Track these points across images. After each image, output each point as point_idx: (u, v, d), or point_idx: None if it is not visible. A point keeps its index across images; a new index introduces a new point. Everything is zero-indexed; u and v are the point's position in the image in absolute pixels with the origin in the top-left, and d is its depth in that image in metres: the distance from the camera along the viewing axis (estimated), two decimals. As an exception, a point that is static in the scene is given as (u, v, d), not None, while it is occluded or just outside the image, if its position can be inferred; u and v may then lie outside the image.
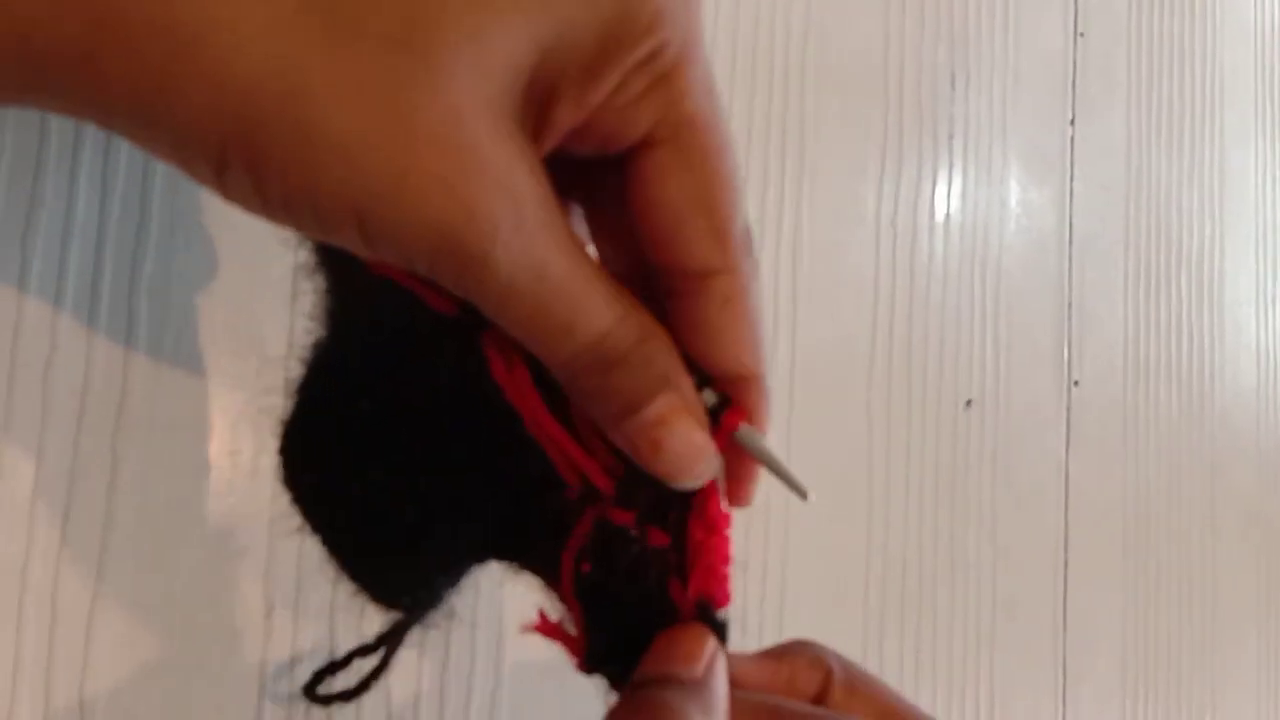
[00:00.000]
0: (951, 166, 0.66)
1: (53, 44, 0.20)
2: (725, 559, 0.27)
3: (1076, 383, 0.73)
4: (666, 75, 0.25)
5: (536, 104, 0.23)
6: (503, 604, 0.44)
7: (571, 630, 0.29)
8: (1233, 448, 0.86)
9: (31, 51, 0.20)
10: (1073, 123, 0.75)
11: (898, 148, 0.64)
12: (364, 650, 0.34)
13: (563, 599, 0.28)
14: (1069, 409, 0.73)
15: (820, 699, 0.28)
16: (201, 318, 0.39)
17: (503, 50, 0.22)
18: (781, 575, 0.56)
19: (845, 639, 0.59)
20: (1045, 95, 0.74)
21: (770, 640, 0.44)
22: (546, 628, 0.29)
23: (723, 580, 0.27)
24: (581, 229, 0.29)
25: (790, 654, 0.30)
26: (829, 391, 0.59)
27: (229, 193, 0.22)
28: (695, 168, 0.26)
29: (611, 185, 0.27)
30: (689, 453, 0.25)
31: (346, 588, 0.32)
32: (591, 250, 0.29)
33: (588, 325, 0.24)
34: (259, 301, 0.40)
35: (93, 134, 0.37)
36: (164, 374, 0.38)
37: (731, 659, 0.28)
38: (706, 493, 0.27)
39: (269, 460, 0.40)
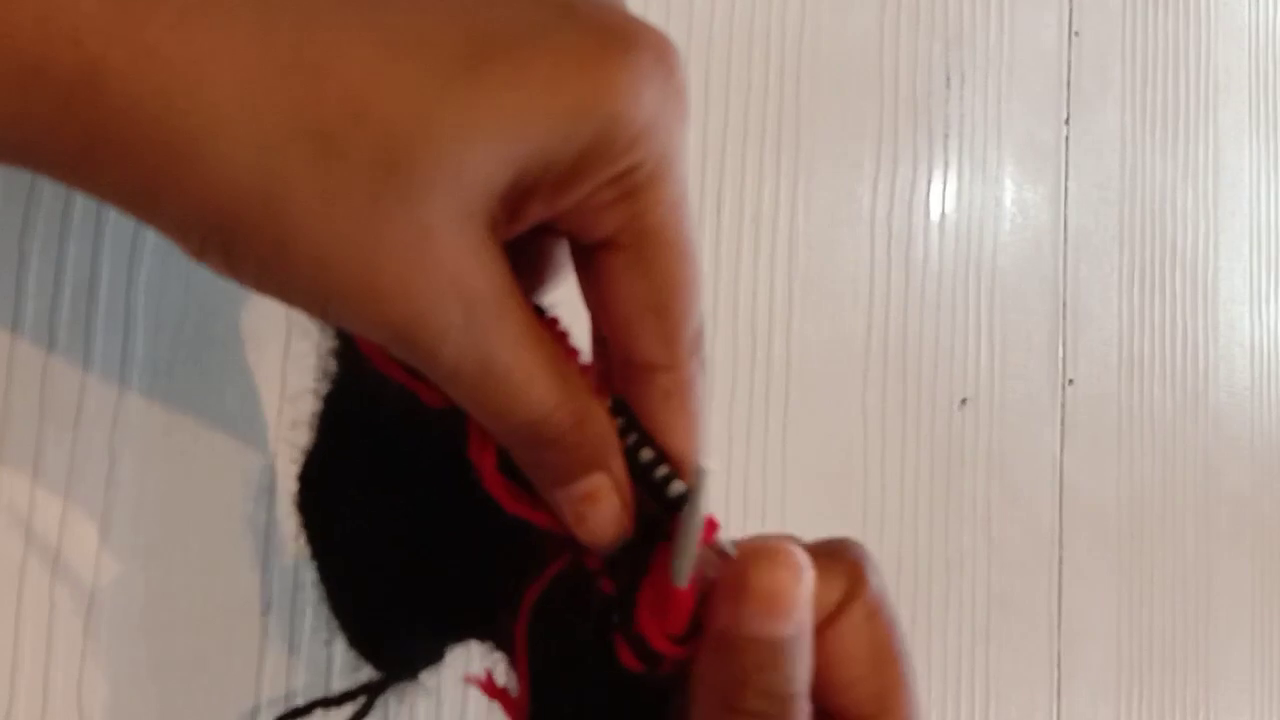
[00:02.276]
0: (946, 165, 0.67)
1: (50, 153, 0.22)
2: (674, 623, 0.27)
3: (1071, 381, 0.73)
4: (638, 190, 0.26)
5: (508, 206, 0.25)
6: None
7: (513, 693, 0.29)
8: (1226, 445, 0.86)
9: (35, 144, 0.21)
10: (1067, 121, 0.75)
11: (893, 146, 0.64)
12: (328, 702, 0.35)
13: (514, 648, 0.29)
14: (1063, 407, 0.73)
15: (836, 614, 0.28)
16: (197, 318, 0.39)
17: (480, 172, 0.23)
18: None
19: (840, 636, 0.59)
20: (1040, 94, 0.74)
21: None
22: (490, 688, 0.29)
23: (675, 621, 0.27)
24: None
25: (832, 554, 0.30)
26: (824, 389, 0.59)
27: (205, 265, 0.24)
28: (653, 276, 0.27)
29: (581, 265, 0.28)
30: (605, 529, 0.27)
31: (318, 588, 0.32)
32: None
33: (524, 411, 0.26)
34: (256, 301, 0.40)
35: (90, 133, 0.37)
36: (160, 374, 0.38)
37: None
38: (660, 558, 0.27)
39: (265, 459, 0.40)
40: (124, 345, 0.38)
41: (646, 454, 0.27)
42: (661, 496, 0.27)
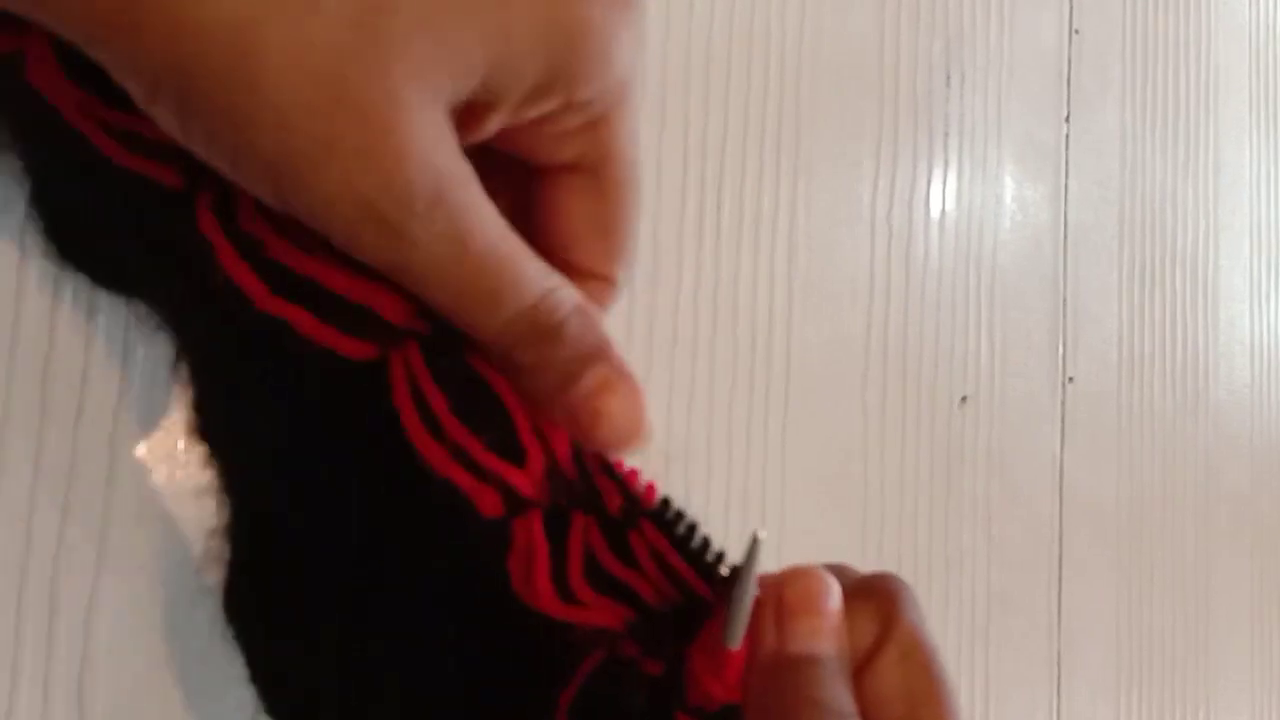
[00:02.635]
0: (946, 163, 0.67)
1: None
2: (723, 690, 0.26)
3: (1071, 379, 0.74)
4: (604, 117, 0.26)
5: (472, 110, 0.24)
6: None
7: None
8: (1227, 443, 0.86)
9: None
10: (1068, 119, 0.75)
11: (893, 144, 0.64)
12: None
13: None
14: (1064, 405, 0.73)
15: (871, 655, 0.27)
16: (199, 315, 0.39)
17: (454, 52, 0.23)
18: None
19: (840, 634, 0.59)
20: (1040, 92, 0.74)
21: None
22: None
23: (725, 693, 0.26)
24: None
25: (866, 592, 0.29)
26: (824, 388, 0.59)
27: (153, 116, 0.23)
28: (606, 199, 0.28)
29: (518, 182, 0.28)
30: (632, 418, 0.26)
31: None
32: None
33: (517, 295, 0.24)
34: (256, 299, 0.40)
35: (90, 132, 0.37)
36: (162, 370, 0.38)
37: None
38: (709, 624, 0.26)
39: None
40: (124, 344, 0.38)
41: (689, 532, 0.26)
42: (704, 570, 0.26)
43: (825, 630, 0.26)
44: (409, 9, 0.22)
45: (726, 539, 0.28)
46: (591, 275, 0.28)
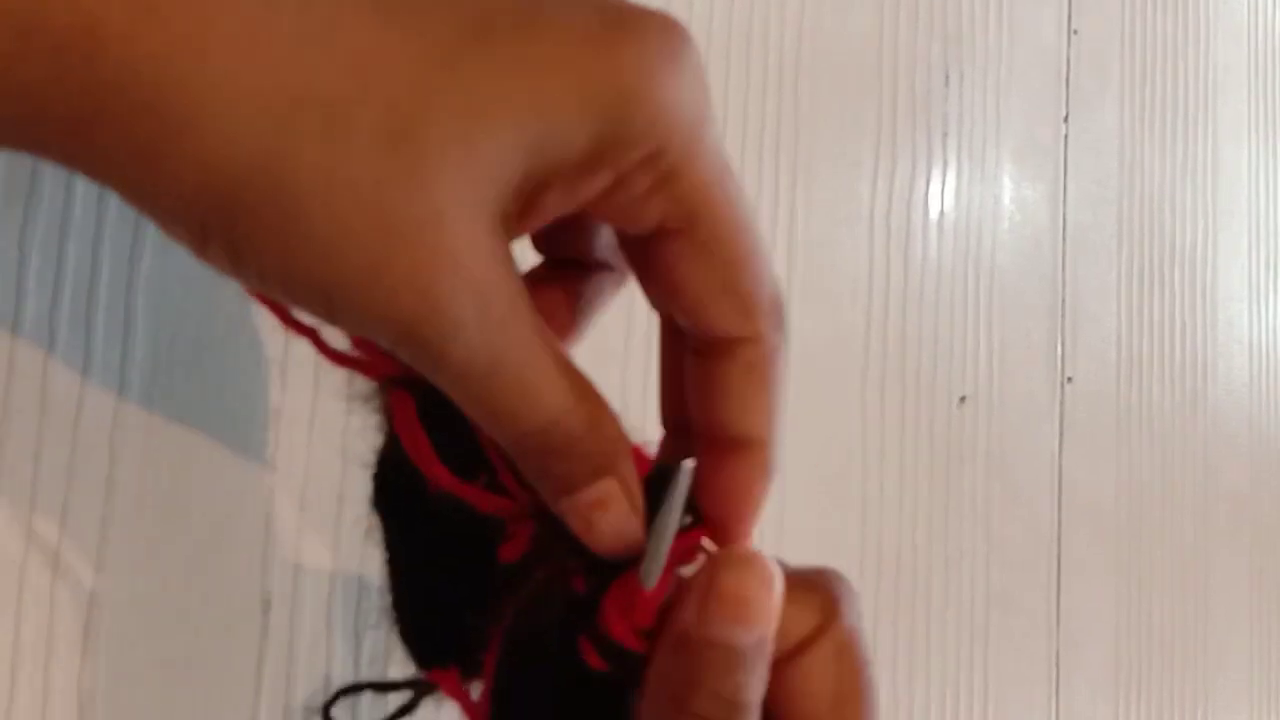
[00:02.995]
0: (945, 163, 0.67)
1: (49, 113, 0.20)
2: (640, 618, 0.27)
3: (1070, 379, 0.74)
4: (673, 172, 0.25)
5: (523, 197, 0.24)
6: None
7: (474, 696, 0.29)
8: (1225, 443, 0.86)
9: (27, 116, 0.20)
10: (1066, 119, 0.75)
11: (891, 144, 0.64)
12: (382, 687, 0.34)
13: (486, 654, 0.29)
14: (1062, 404, 0.73)
15: (803, 647, 0.27)
16: (198, 315, 0.39)
17: (491, 153, 0.22)
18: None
19: (839, 634, 0.59)
20: (1039, 92, 0.74)
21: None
22: (451, 686, 0.29)
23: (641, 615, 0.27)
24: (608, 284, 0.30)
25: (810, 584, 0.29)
26: (823, 387, 0.59)
27: (207, 261, 0.23)
28: (713, 254, 0.26)
29: (639, 246, 0.27)
30: (615, 535, 0.26)
31: (344, 585, 0.32)
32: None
33: (532, 415, 0.25)
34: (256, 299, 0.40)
35: (90, 132, 0.37)
36: (161, 371, 0.38)
37: None
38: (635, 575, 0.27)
39: (265, 459, 0.40)
40: (124, 345, 0.38)
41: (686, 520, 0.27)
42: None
43: (752, 623, 0.25)
44: (440, 120, 0.22)
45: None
46: (735, 341, 0.27)
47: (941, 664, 0.64)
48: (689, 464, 0.26)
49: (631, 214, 0.25)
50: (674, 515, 0.26)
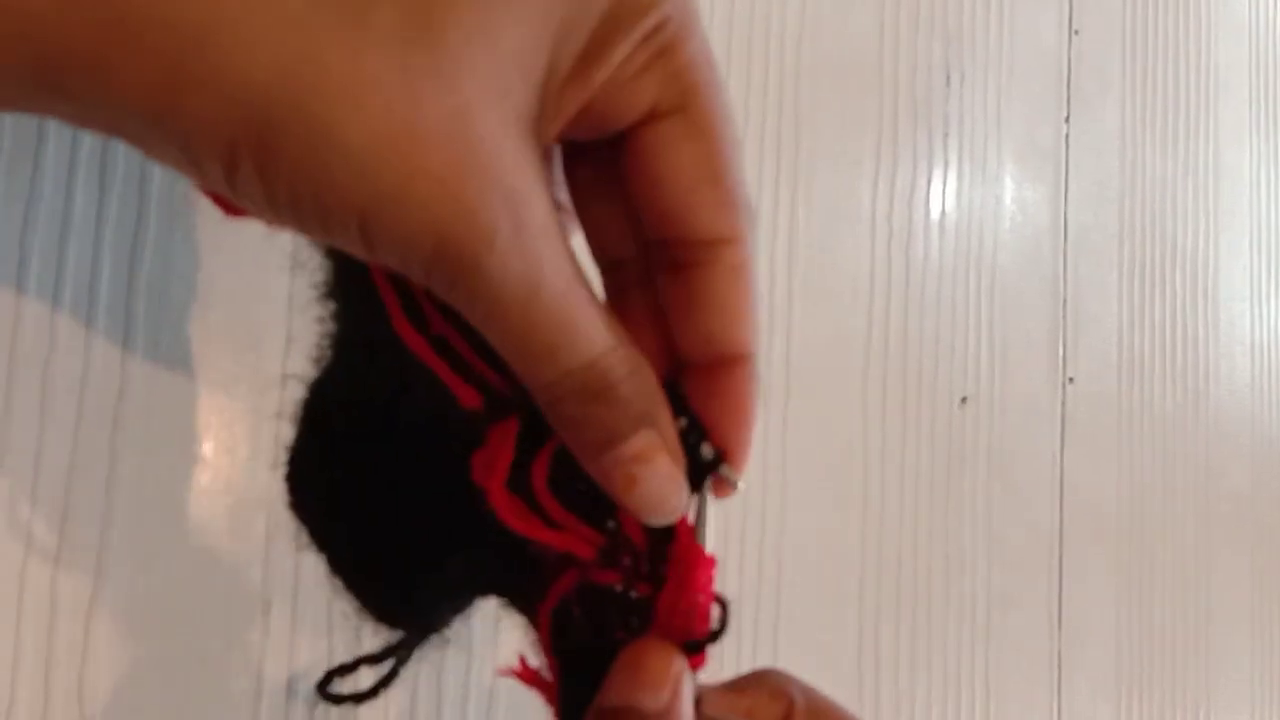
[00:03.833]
0: (946, 163, 0.67)
1: (61, 43, 0.20)
2: (702, 596, 0.27)
3: (1071, 379, 0.74)
4: (669, 47, 0.24)
5: (549, 94, 0.23)
6: (499, 634, 0.44)
7: (548, 678, 0.29)
8: (1226, 443, 0.86)
9: (40, 51, 0.20)
10: (1067, 120, 0.75)
11: (893, 144, 0.64)
12: (371, 659, 0.35)
13: (541, 651, 0.29)
14: (1064, 405, 0.73)
15: None
16: (199, 316, 0.39)
17: (513, 41, 0.22)
18: (777, 571, 0.56)
19: (840, 634, 0.59)
20: (1040, 92, 0.74)
21: (765, 639, 0.45)
22: (526, 674, 0.29)
23: (702, 615, 0.27)
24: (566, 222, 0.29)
25: (753, 685, 0.29)
26: (824, 388, 0.59)
27: (237, 192, 0.22)
28: (703, 136, 0.25)
29: (601, 166, 0.27)
30: (664, 492, 0.25)
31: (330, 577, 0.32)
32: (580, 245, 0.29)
33: (574, 350, 0.24)
34: (256, 299, 0.40)
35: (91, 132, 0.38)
36: (162, 372, 0.38)
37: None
38: (680, 536, 0.27)
39: (266, 457, 0.40)
40: (124, 345, 0.38)
41: (693, 435, 0.26)
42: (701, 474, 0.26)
43: (650, 688, 0.26)
44: (460, 11, 0.21)
45: (726, 538, 0.28)
46: (719, 241, 0.26)
47: (943, 664, 0.64)
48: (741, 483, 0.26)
49: (627, 96, 0.25)
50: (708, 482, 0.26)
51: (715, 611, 0.27)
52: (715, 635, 0.27)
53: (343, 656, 0.40)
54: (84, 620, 0.37)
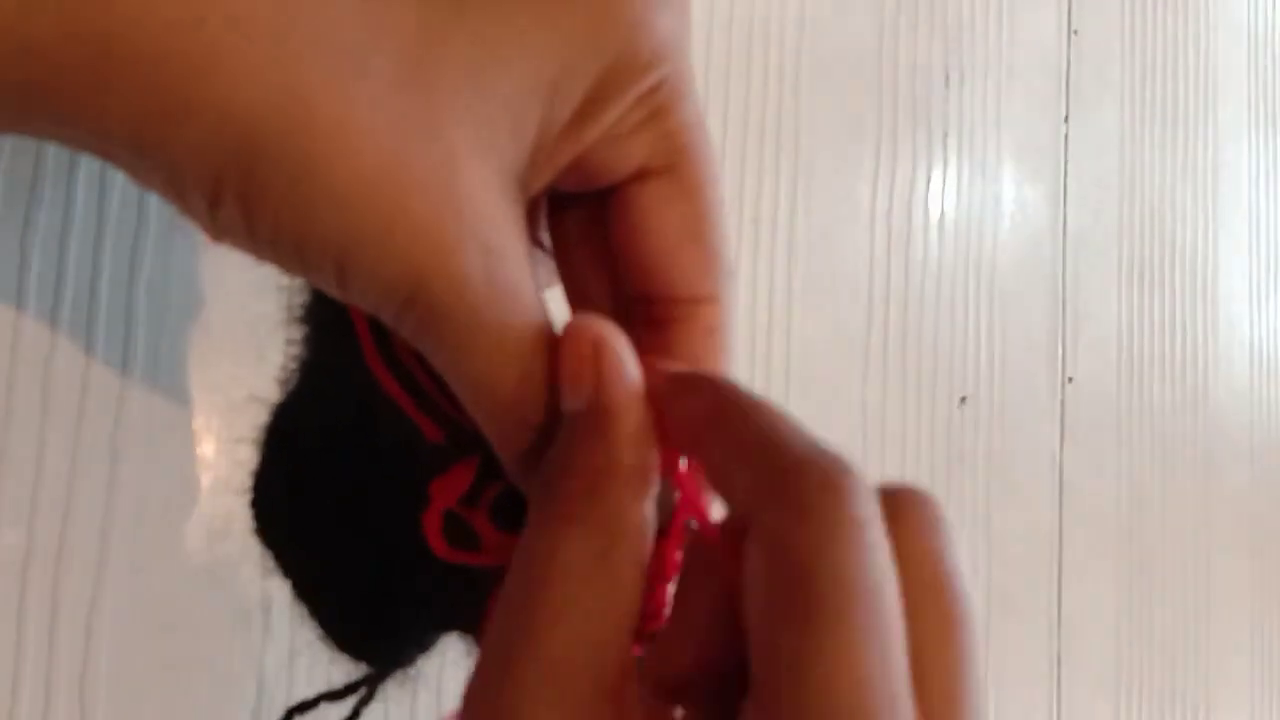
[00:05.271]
0: (946, 163, 0.67)
1: (52, 70, 0.20)
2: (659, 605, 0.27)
3: (1070, 379, 0.74)
4: (663, 108, 0.25)
5: (535, 149, 0.23)
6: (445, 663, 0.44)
7: None
8: (1226, 443, 0.86)
9: (30, 77, 0.20)
10: (1066, 120, 0.75)
11: (892, 144, 0.64)
12: (332, 696, 0.34)
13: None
14: (1063, 405, 0.73)
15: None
16: (200, 317, 0.39)
17: (505, 95, 0.22)
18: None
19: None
20: (1039, 92, 0.74)
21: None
22: None
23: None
24: (545, 268, 0.30)
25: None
26: (823, 388, 0.59)
27: (219, 226, 0.22)
28: (689, 197, 0.26)
29: (586, 218, 0.27)
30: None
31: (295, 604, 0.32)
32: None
33: (537, 409, 0.24)
34: (257, 300, 0.40)
35: (91, 133, 0.37)
36: (163, 373, 0.38)
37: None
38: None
39: (267, 458, 0.40)
40: (125, 345, 0.38)
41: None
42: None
43: (573, 385, 0.24)
44: (451, 63, 0.21)
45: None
46: (697, 301, 0.26)
47: (942, 664, 0.63)
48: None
49: (616, 155, 0.25)
50: None
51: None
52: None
53: (343, 659, 0.40)
54: (85, 622, 0.37)
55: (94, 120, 0.20)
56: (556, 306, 0.27)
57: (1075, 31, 0.77)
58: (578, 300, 0.28)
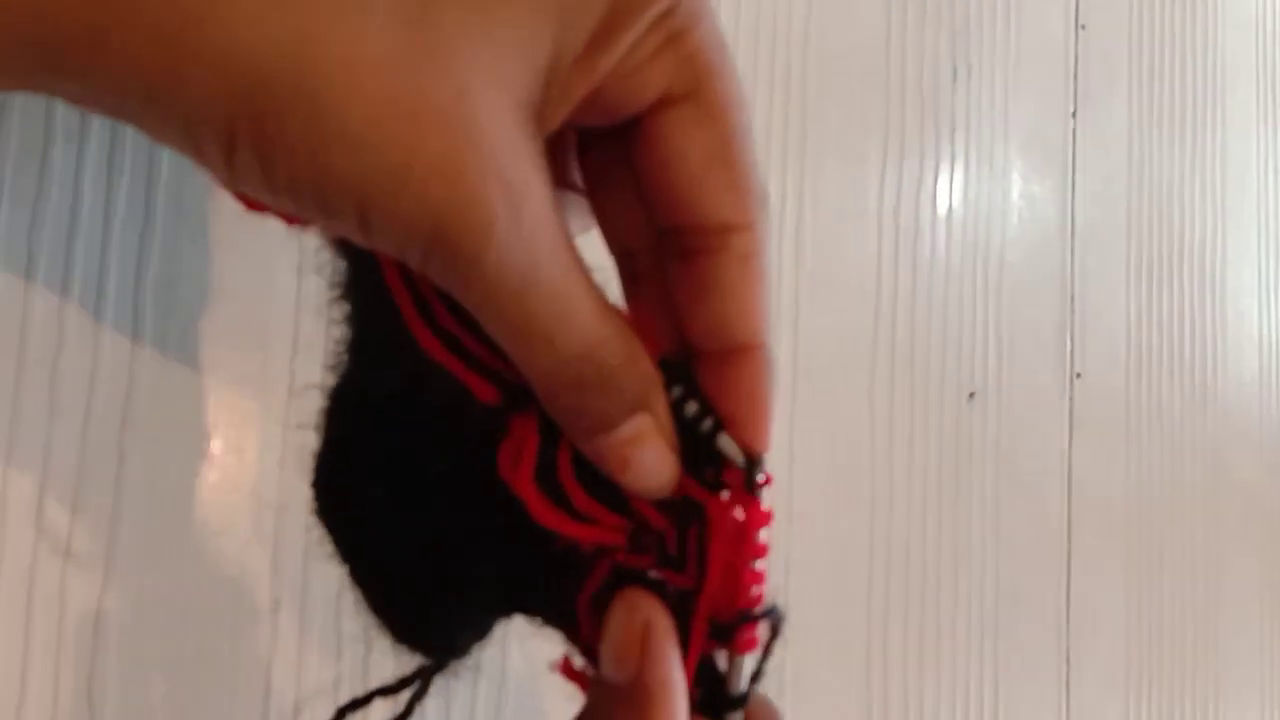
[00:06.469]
0: (953, 159, 0.66)
1: (60, 21, 0.19)
2: (751, 584, 0.27)
3: (1079, 374, 0.73)
4: (680, 32, 0.24)
5: (549, 80, 0.23)
6: (507, 657, 0.44)
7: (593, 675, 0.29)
8: (1235, 438, 0.86)
9: (38, 29, 0.19)
10: (1074, 115, 0.75)
11: (899, 140, 0.64)
12: (386, 691, 0.34)
13: (583, 650, 0.28)
14: (1071, 400, 0.73)
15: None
16: (207, 313, 0.39)
17: (512, 26, 0.22)
18: (785, 567, 0.56)
19: (849, 630, 0.59)
20: (1046, 87, 0.74)
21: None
22: (570, 672, 0.29)
23: (743, 591, 0.27)
24: (580, 209, 0.29)
25: None
26: (832, 384, 0.59)
27: (236, 175, 0.22)
28: (715, 121, 0.25)
29: (612, 153, 0.27)
30: (656, 470, 0.26)
31: (351, 591, 0.32)
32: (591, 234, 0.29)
33: (570, 339, 0.24)
34: (264, 297, 0.40)
35: (98, 129, 0.38)
36: (170, 370, 0.38)
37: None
38: (723, 527, 0.27)
39: (274, 456, 0.40)
40: (132, 344, 0.38)
41: (695, 410, 0.26)
42: (709, 454, 0.26)
43: (620, 664, 0.25)
44: None
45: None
46: (730, 228, 0.26)
47: (952, 660, 0.63)
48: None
49: (636, 83, 0.24)
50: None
51: (763, 630, 0.27)
52: (760, 615, 0.27)
53: (351, 658, 0.40)
54: (93, 619, 0.37)
55: (102, 71, 0.20)
56: (595, 251, 0.27)
57: (1083, 26, 0.76)
58: (614, 239, 0.28)
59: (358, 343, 0.30)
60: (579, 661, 0.29)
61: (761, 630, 0.27)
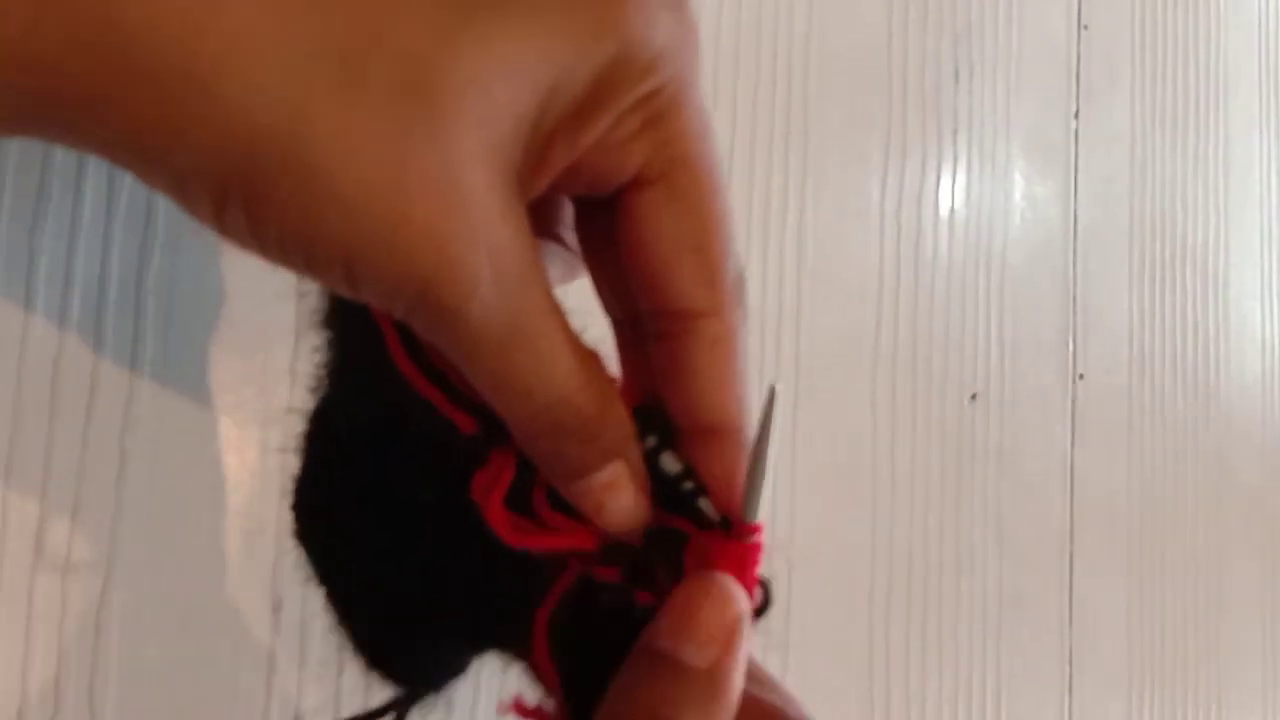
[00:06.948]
0: (955, 160, 0.66)
1: (65, 82, 0.20)
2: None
3: (1081, 375, 0.73)
4: (660, 115, 0.25)
5: (534, 149, 0.24)
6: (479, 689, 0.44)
7: (549, 708, 0.29)
8: (1237, 439, 0.86)
9: (39, 84, 0.20)
10: (1076, 115, 0.75)
11: (901, 141, 0.63)
12: (367, 717, 0.34)
13: (538, 670, 0.29)
14: (1074, 401, 0.73)
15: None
16: (208, 315, 0.39)
17: (505, 97, 0.22)
18: (787, 568, 0.56)
19: (851, 631, 0.59)
20: (1049, 88, 0.74)
21: (776, 636, 0.44)
22: (523, 710, 0.29)
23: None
24: (564, 261, 0.30)
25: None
26: (834, 385, 0.59)
27: (225, 229, 0.22)
28: (687, 208, 0.26)
29: (603, 225, 0.27)
30: (627, 518, 0.27)
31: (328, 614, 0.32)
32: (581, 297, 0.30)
33: (549, 390, 0.24)
34: (265, 299, 0.40)
35: (98, 132, 0.37)
36: (171, 371, 0.38)
37: None
38: (700, 558, 0.27)
39: (275, 458, 0.40)
40: (133, 344, 0.38)
41: (669, 460, 0.27)
42: (679, 499, 0.27)
43: (701, 641, 0.26)
44: (454, 67, 0.22)
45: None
46: (695, 313, 0.27)
47: (954, 661, 0.63)
48: (779, 387, 0.26)
49: (615, 160, 0.25)
50: (770, 436, 0.27)
51: (757, 594, 0.27)
52: (758, 611, 0.27)
53: (353, 662, 0.40)
54: (94, 623, 0.37)
55: (99, 129, 0.21)
56: (578, 297, 0.27)
57: (1085, 27, 0.76)
58: (606, 307, 0.29)
59: (340, 368, 0.30)
60: (532, 699, 0.29)
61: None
